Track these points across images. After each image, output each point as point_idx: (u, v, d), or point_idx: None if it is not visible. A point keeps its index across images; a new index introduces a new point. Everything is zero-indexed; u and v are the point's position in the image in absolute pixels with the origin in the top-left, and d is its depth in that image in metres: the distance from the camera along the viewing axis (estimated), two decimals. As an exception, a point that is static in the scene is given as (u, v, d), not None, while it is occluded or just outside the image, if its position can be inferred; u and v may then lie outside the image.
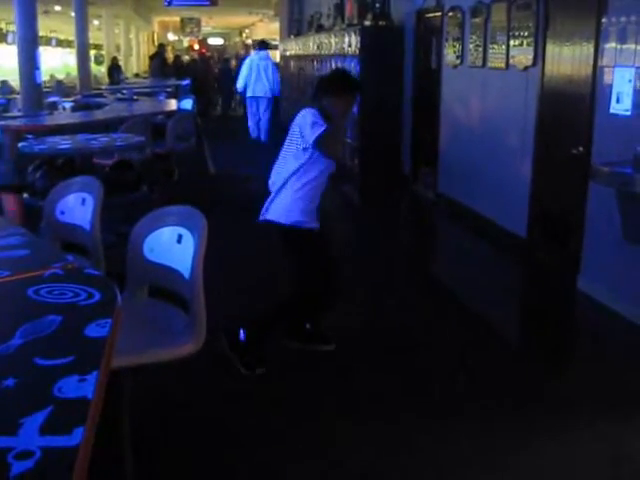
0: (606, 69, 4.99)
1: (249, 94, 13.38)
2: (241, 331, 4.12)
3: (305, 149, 3.96)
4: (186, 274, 2.85)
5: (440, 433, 3.50)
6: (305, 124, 3.92)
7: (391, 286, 5.66)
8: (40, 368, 1.73)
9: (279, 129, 10.27)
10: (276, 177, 4.12)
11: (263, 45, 14.25)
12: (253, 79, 13.09)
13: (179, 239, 2.95)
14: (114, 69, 21.44)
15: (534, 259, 6.19)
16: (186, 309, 2.89)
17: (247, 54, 23.58)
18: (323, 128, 3.87)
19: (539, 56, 6.02)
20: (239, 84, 13.51)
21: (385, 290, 5.55)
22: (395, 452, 3.34)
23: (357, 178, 9.66)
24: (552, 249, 6.00)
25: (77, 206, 3.67)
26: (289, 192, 4.03)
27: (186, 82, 17.43)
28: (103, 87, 17.80)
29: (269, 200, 4.13)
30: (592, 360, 4.34)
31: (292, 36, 16.58)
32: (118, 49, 29.30)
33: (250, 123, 13.90)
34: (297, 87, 13.96)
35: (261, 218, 4.13)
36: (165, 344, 2.75)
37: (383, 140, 9.55)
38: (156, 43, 29.02)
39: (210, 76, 22.58)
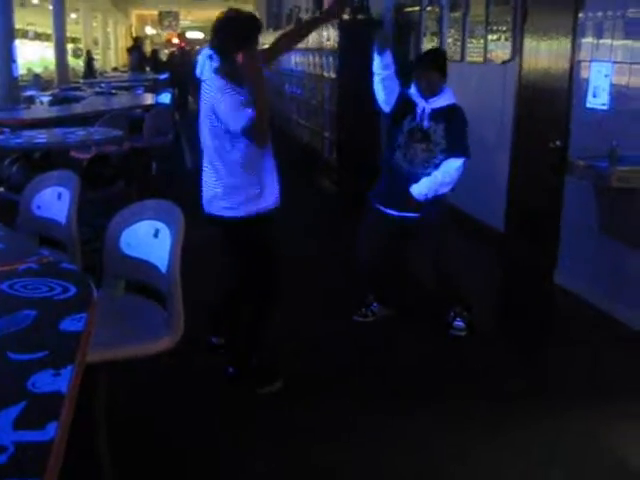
0: (583, 64, 5.02)
1: (203, 77, 14.66)
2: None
3: (227, 132, 3.46)
4: (163, 268, 2.84)
5: (418, 425, 3.52)
6: (224, 108, 3.42)
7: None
8: (14, 362, 1.71)
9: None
10: (207, 164, 3.65)
11: None
12: (207, 67, 14.60)
13: (156, 233, 2.94)
14: (89, 62, 21.49)
15: (511, 252, 6.22)
16: (163, 303, 2.88)
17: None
18: (249, 113, 3.35)
19: (517, 50, 6.04)
20: (197, 71, 14.83)
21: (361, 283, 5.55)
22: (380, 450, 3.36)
23: (335, 172, 9.66)
24: (529, 242, 6.03)
25: (53, 200, 3.64)
26: (230, 177, 3.58)
27: (164, 76, 17.33)
28: (81, 81, 17.68)
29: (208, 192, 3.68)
30: (569, 352, 4.37)
31: (271, 30, 16.55)
32: (96, 42, 29.08)
33: None
34: (277, 80, 13.95)
35: (214, 213, 3.68)
36: (142, 338, 2.74)
37: (361, 134, 9.54)
38: (135, 36, 28.81)
39: (189, 69, 22.45)
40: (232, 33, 3.53)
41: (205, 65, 3.96)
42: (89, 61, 21.62)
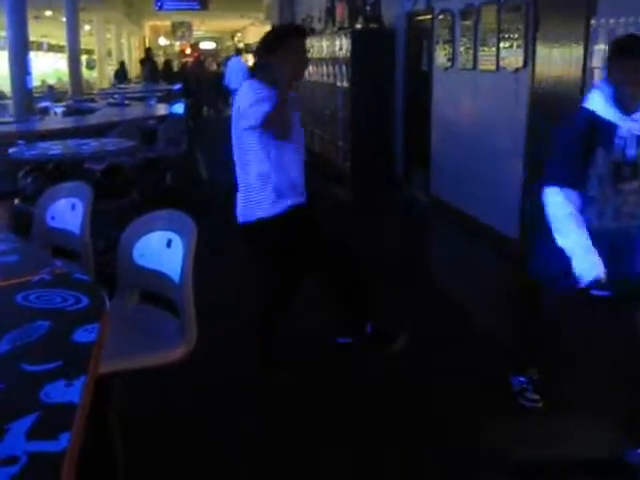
0: (596, 70, 5.00)
1: (231, 86, 17.43)
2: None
3: (253, 128, 3.67)
4: (176, 278, 2.85)
5: (427, 431, 3.51)
6: (246, 104, 3.65)
7: (379, 288, 5.63)
8: (27, 373, 1.72)
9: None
10: (239, 171, 3.86)
11: (238, 52, 23.48)
12: (233, 75, 17.53)
13: (169, 243, 2.95)
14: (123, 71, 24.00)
15: (526, 260, 6.18)
16: (177, 313, 2.88)
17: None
18: (267, 105, 3.59)
19: (529, 58, 6.03)
20: (226, 80, 18.16)
21: (374, 292, 5.53)
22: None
23: (349, 180, 9.67)
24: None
25: (67, 211, 3.66)
26: (256, 180, 3.78)
27: (177, 86, 17.45)
28: (95, 92, 17.82)
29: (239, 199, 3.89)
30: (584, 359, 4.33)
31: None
32: (109, 54, 29.27)
33: None
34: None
35: (242, 220, 3.90)
36: (155, 348, 2.74)
37: (375, 142, 9.56)
38: (146, 48, 29.05)
39: (204, 79, 22.73)
40: (264, 40, 3.87)
41: (232, 76, 4.25)
42: (123, 71, 23.86)
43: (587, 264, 2.98)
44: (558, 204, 3.08)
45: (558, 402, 3.75)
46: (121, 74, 23.74)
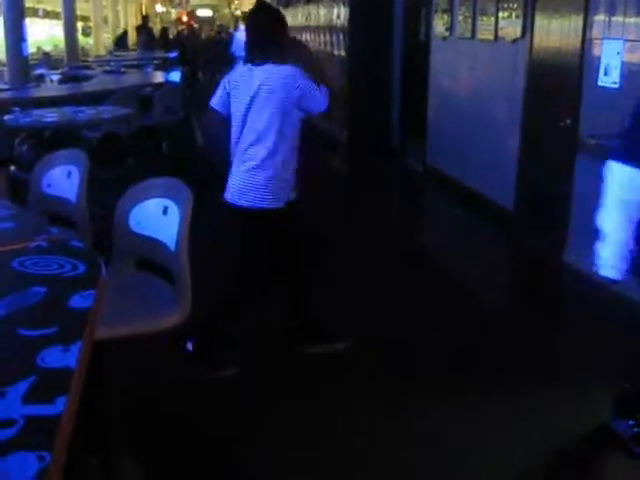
0: (595, 41, 4.98)
1: (236, 53, 17.46)
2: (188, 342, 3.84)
3: (298, 118, 3.68)
4: (172, 246, 2.85)
5: (425, 405, 3.54)
6: (309, 86, 3.59)
7: (375, 260, 5.66)
8: (24, 338, 1.73)
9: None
10: (260, 151, 3.65)
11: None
12: (239, 45, 16.78)
13: (165, 211, 2.94)
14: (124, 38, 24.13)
15: (520, 231, 6.20)
16: (172, 281, 2.89)
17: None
18: (325, 89, 3.66)
19: (528, 28, 5.99)
20: (232, 48, 18.44)
21: (369, 263, 5.55)
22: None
23: (345, 150, 9.65)
24: (538, 221, 6.01)
25: (63, 179, 3.65)
26: (282, 167, 3.70)
27: (174, 54, 17.34)
28: (91, 59, 17.69)
29: (251, 181, 3.68)
30: (580, 330, 4.35)
31: (281, 7, 16.50)
32: (106, 21, 28.97)
33: None
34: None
35: (248, 205, 3.70)
36: (150, 315, 2.75)
37: (372, 112, 9.53)
38: (143, 15, 28.85)
39: (200, 47, 22.73)
40: (274, 20, 3.76)
41: (238, 46, 4.13)
42: (125, 39, 23.95)
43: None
44: (625, 186, 2.79)
45: (550, 375, 3.79)
46: (123, 41, 23.71)
